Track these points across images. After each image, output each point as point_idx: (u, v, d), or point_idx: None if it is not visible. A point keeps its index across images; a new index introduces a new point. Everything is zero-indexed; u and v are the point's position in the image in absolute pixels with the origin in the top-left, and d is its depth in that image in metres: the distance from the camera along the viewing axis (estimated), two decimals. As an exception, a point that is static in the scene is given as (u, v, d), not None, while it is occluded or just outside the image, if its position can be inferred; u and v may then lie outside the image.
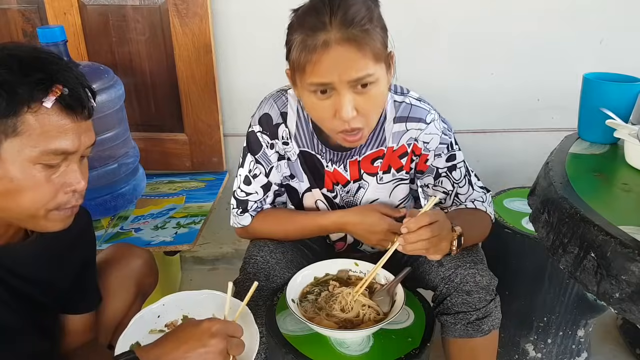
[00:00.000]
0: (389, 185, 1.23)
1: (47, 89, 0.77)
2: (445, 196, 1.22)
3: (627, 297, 0.85)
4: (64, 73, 0.80)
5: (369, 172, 1.22)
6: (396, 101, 1.18)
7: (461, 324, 1.11)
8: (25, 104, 0.76)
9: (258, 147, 1.21)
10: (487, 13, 1.79)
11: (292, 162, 1.23)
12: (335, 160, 1.20)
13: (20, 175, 0.78)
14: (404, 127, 1.17)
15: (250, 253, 1.22)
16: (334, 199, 1.25)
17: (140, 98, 1.90)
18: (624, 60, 1.72)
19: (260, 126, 1.19)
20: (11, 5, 1.81)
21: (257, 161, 1.21)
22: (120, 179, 1.64)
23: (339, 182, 1.23)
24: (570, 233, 0.97)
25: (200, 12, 1.74)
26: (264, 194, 1.24)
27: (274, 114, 1.18)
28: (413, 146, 1.18)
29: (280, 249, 1.23)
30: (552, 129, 1.92)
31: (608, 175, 1.19)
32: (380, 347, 1.01)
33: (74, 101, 0.80)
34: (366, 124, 1.03)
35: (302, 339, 1.02)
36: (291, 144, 1.20)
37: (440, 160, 1.19)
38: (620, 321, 1.80)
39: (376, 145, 1.19)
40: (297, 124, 1.19)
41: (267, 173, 1.22)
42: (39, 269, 0.94)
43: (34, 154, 0.78)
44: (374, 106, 1.02)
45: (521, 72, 1.86)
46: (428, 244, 0.98)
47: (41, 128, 0.77)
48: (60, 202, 0.83)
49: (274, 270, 1.18)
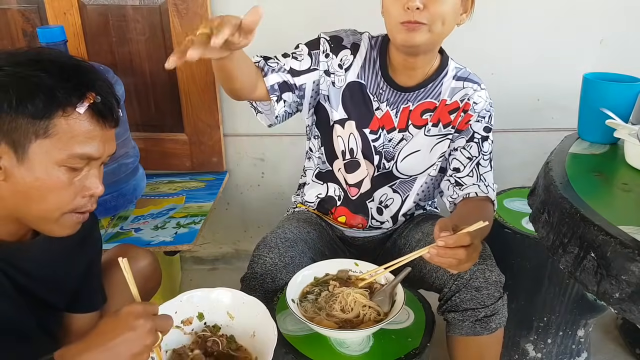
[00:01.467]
0: (434, 139, 1.27)
1: (82, 95, 0.80)
2: (468, 161, 1.25)
3: (627, 297, 0.85)
4: (98, 82, 0.84)
5: (416, 125, 1.26)
6: (457, 66, 1.28)
7: (469, 321, 1.12)
8: (61, 107, 0.79)
9: (316, 47, 1.23)
10: (487, 13, 1.79)
11: (335, 87, 1.25)
12: (391, 102, 1.24)
13: (45, 176, 0.81)
14: (462, 85, 1.26)
15: (259, 252, 1.21)
16: (374, 142, 1.27)
17: (140, 98, 1.90)
18: (624, 60, 1.71)
19: (330, 38, 1.23)
20: (11, 5, 1.81)
21: (309, 53, 1.22)
22: (120, 179, 1.64)
23: (385, 127, 1.26)
24: (570, 233, 0.97)
25: (200, 12, 1.74)
26: (287, 71, 1.19)
27: (347, 40, 1.24)
28: (465, 103, 1.24)
29: (289, 253, 1.21)
30: (552, 129, 1.92)
31: (608, 175, 1.19)
32: (380, 347, 1.01)
33: (105, 109, 0.84)
34: (430, 22, 1.06)
35: (302, 339, 1.02)
36: (343, 72, 1.23)
37: (479, 125, 1.25)
38: (620, 321, 1.80)
39: (431, 96, 1.24)
40: (366, 56, 1.24)
41: (309, 69, 1.21)
42: (46, 268, 0.95)
43: (61, 157, 0.80)
44: (439, 10, 1.06)
45: (521, 72, 1.86)
46: (456, 263, 0.97)
47: (71, 132, 0.80)
48: (77, 205, 0.86)
49: (281, 273, 1.18)
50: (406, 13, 1.06)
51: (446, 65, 1.25)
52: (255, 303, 0.99)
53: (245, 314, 0.99)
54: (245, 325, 0.99)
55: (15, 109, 0.76)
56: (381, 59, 1.23)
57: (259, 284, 1.16)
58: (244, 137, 1.95)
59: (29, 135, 0.78)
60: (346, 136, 1.27)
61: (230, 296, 1.02)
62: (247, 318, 0.99)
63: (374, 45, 1.25)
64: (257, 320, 0.96)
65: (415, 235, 1.31)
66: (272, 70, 1.16)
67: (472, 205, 1.23)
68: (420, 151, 1.28)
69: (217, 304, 1.01)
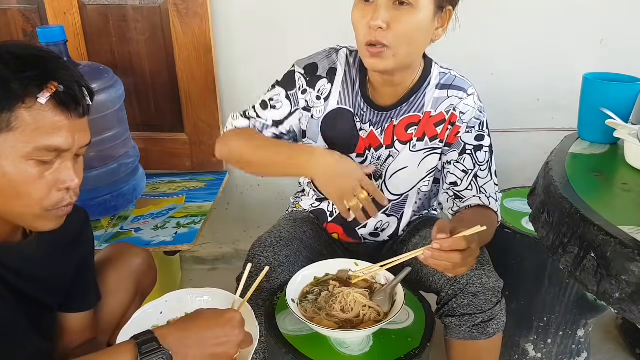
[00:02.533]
0: (420, 154, 1.23)
1: (41, 85, 0.77)
2: (464, 175, 1.21)
3: (627, 297, 0.85)
4: (60, 71, 0.80)
5: (401, 140, 1.22)
6: (442, 71, 1.21)
7: (466, 326, 1.11)
8: (20, 99, 0.76)
9: (292, 85, 1.21)
10: (487, 13, 1.79)
11: (314, 119, 1.23)
12: (374, 122, 1.21)
13: (13, 171, 0.78)
14: (445, 94, 1.19)
15: (254, 252, 1.21)
16: (362, 164, 1.24)
17: (140, 98, 1.90)
18: (624, 60, 1.71)
19: (304, 70, 1.20)
20: (11, 5, 1.81)
21: (286, 96, 1.21)
22: (120, 179, 1.64)
23: (372, 146, 1.23)
24: (570, 233, 0.97)
25: (200, 12, 1.74)
26: (270, 127, 1.21)
27: (322, 66, 1.20)
28: (451, 114, 1.19)
29: (284, 252, 1.21)
30: (552, 129, 1.92)
31: (608, 175, 1.19)
32: (380, 347, 1.01)
33: (69, 98, 0.80)
34: (393, 44, 1.03)
35: (302, 339, 1.02)
36: (322, 103, 1.21)
37: (470, 136, 1.20)
38: (620, 321, 1.80)
39: (414, 110, 1.20)
40: (343, 79, 1.20)
41: (290, 113, 1.21)
42: (38, 268, 0.94)
43: (27, 150, 0.78)
44: (403, 31, 1.03)
45: (521, 72, 1.86)
46: (452, 267, 0.96)
47: (35, 124, 0.77)
48: (55, 200, 0.83)
49: (276, 272, 1.18)
50: (370, 32, 1.03)
51: (429, 74, 1.19)
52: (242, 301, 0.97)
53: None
54: None
55: None
56: (361, 78, 1.19)
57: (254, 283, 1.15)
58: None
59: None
60: None
61: (215, 296, 1.01)
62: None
63: (353, 63, 1.20)
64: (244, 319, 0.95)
65: (412, 239, 1.30)
66: (259, 131, 1.22)
67: (474, 211, 1.20)
68: (407, 168, 1.24)
69: (203, 304, 0.99)
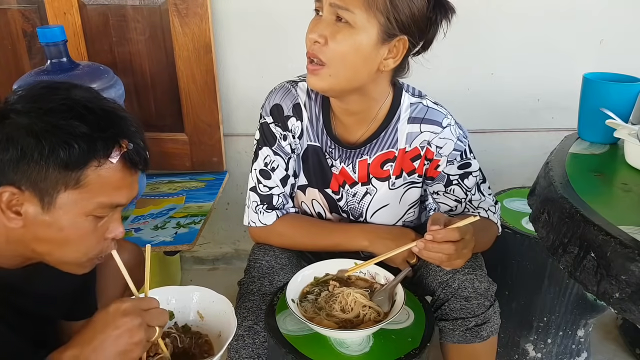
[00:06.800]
0: (400, 190, 1.20)
1: (116, 144, 0.77)
2: (457, 204, 1.18)
3: (627, 297, 0.85)
4: (131, 128, 0.81)
5: (378, 177, 1.18)
6: (412, 103, 1.14)
7: (460, 330, 1.11)
8: (97, 158, 0.75)
9: (273, 139, 1.17)
10: (487, 13, 1.79)
11: (296, 155, 1.21)
12: (345, 158, 1.17)
13: (70, 226, 0.78)
14: (418, 129, 1.13)
15: (255, 256, 1.21)
16: (338, 201, 1.23)
17: (140, 98, 1.90)
18: (624, 60, 1.71)
19: (272, 117, 1.16)
20: (11, 5, 1.81)
21: (274, 153, 1.17)
22: (120, 179, 1.63)
23: (346, 182, 1.19)
24: (570, 233, 0.97)
25: (200, 12, 1.74)
26: (283, 188, 1.20)
27: (285, 105, 1.15)
28: (426, 150, 1.15)
29: (285, 254, 1.21)
30: (552, 129, 1.92)
31: (608, 175, 1.19)
32: (380, 347, 1.01)
33: (137, 156, 0.81)
34: (328, 63, 0.98)
35: (302, 339, 1.02)
36: (298, 141, 1.18)
37: (452, 167, 1.16)
38: (620, 321, 1.80)
39: (387, 146, 1.15)
40: (310, 114, 1.16)
41: (287, 166, 1.19)
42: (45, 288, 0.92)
43: (90, 207, 0.77)
44: (337, 49, 0.97)
45: (521, 72, 1.86)
46: (446, 259, 0.96)
47: (101, 182, 0.77)
48: (100, 249, 0.83)
49: (278, 275, 1.17)
50: (311, 46, 0.99)
51: (398, 105, 1.13)
52: (223, 302, 0.97)
53: (214, 314, 0.97)
54: (213, 326, 0.98)
55: (47, 159, 0.72)
56: (324, 112, 1.15)
57: (257, 287, 1.15)
58: (244, 137, 1.95)
59: (58, 185, 0.74)
60: (309, 202, 1.25)
61: (199, 295, 1.00)
62: (215, 317, 0.97)
63: (315, 96, 1.15)
64: (223, 319, 0.95)
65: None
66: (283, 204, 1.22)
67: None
68: (388, 205, 1.21)
69: (187, 303, 0.99)
